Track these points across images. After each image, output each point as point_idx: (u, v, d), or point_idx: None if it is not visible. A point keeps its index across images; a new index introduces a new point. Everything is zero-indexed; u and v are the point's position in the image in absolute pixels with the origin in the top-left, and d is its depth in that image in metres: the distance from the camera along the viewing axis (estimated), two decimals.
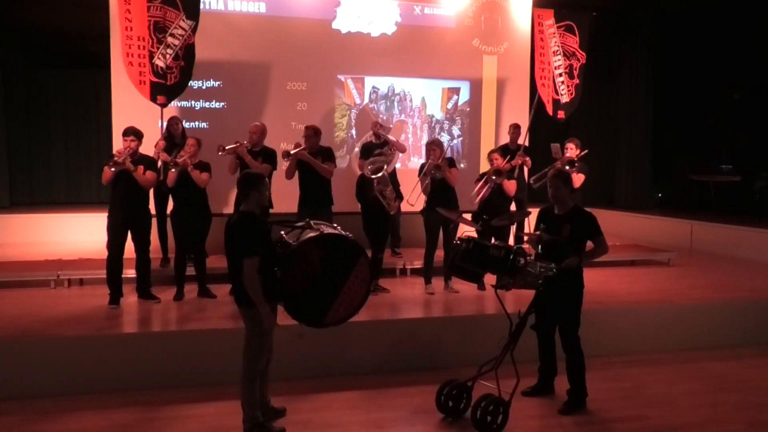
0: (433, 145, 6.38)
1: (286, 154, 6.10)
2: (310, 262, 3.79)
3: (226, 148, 6.03)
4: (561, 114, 7.89)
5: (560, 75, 7.77)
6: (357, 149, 8.08)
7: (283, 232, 3.93)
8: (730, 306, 6.13)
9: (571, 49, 7.82)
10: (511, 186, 6.50)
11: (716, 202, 11.86)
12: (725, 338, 5.91)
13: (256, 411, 3.86)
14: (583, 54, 7.82)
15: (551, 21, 7.68)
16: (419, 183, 6.36)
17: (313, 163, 6.11)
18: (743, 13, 10.84)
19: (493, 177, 6.34)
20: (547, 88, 7.76)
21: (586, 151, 7.04)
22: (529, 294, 4.30)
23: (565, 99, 7.81)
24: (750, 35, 11.22)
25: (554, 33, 7.70)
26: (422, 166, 6.49)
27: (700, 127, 13.08)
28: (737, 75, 12.05)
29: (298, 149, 6.11)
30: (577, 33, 7.82)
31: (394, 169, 7.57)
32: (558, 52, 7.78)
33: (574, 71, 7.81)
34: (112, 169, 5.40)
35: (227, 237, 3.82)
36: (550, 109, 7.79)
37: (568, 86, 7.81)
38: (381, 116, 8.55)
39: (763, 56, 11.12)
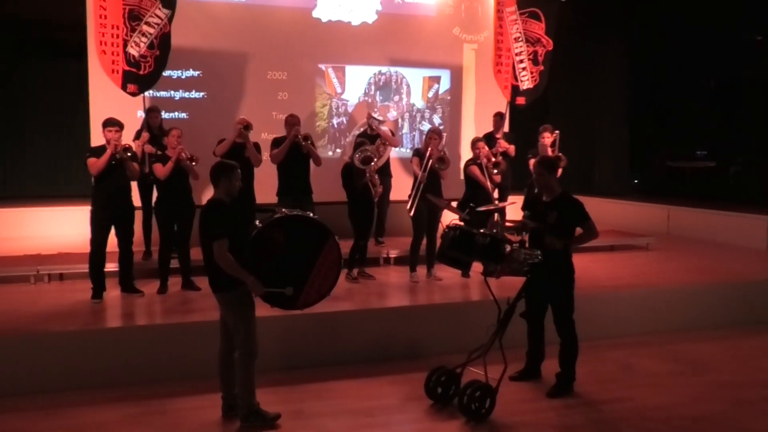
0: (434, 134, 6.30)
1: (305, 138, 6.23)
2: (274, 243, 3.84)
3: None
4: (521, 100, 7.89)
5: (522, 61, 7.76)
6: (350, 138, 8.10)
7: (258, 221, 3.99)
8: (710, 288, 6.26)
9: (536, 35, 7.78)
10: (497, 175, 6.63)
11: (692, 188, 12.08)
12: (705, 320, 6.04)
13: (253, 397, 3.85)
14: (549, 40, 7.78)
15: (513, 8, 7.68)
16: (419, 174, 6.16)
17: (313, 151, 6.33)
18: (718, 2, 10.99)
19: (494, 171, 6.48)
20: (504, 74, 7.78)
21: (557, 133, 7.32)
22: (513, 281, 4.34)
23: (527, 85, 7.79)
24: (725, 23, 11.39)
25: (516, 20, 7.69)
26: (416, 151, 6.44)
27: (676, 115, 13.28)
28: (713, 63, 12.23)
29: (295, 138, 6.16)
30: (543, 19, 7.78)
31: (388, 159, 7.59)
32: (520, 39, 7.75)
33: (539, 57, 7.79)
34: (113, 162, 5.39)
35: (199, 225, 3.87)
36: (507, 95, 7.83)
37: (531, 72, 7.79)
38: (375, 110, 8.48)
39: (737, 44, 11.30)
